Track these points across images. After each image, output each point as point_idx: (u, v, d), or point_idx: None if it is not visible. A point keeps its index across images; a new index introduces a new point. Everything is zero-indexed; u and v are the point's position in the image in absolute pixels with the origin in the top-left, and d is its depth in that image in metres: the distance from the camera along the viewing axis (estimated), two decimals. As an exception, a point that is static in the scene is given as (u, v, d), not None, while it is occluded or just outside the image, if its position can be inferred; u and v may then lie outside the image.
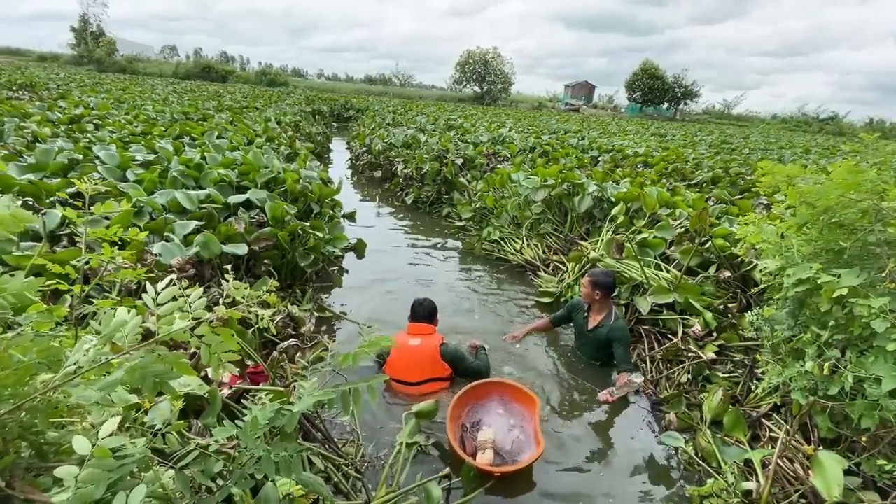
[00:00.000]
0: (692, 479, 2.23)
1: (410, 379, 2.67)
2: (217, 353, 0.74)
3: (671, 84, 56.32)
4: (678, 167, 7.34)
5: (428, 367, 2.69)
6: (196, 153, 4.51)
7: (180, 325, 0.73)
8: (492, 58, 55.80)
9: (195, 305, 0.78)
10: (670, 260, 3.73)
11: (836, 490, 1.67)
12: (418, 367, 2.68)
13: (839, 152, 12.77)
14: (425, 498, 1.77)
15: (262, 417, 0.75)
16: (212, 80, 42.87)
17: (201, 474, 0.75)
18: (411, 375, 2.67)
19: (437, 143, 8.02)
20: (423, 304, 2.87)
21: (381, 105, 23.92)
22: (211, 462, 0.76)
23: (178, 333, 0.73)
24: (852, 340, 1.78)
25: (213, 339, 0.74)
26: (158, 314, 0.74)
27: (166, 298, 0.77)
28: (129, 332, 0.70)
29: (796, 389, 1.96)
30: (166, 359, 0.68)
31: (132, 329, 0.71)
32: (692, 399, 2.70)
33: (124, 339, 0.70)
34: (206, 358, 0.74)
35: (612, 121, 29.55)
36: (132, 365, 0.65)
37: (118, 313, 0.73)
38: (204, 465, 0.76)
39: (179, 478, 0.73)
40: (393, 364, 2.69)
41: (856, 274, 1.71)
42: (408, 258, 5.13)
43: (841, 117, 51.89)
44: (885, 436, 1.77)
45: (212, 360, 0.74)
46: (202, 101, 12.40)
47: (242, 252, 2.96)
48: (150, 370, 0.65)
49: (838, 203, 1.78)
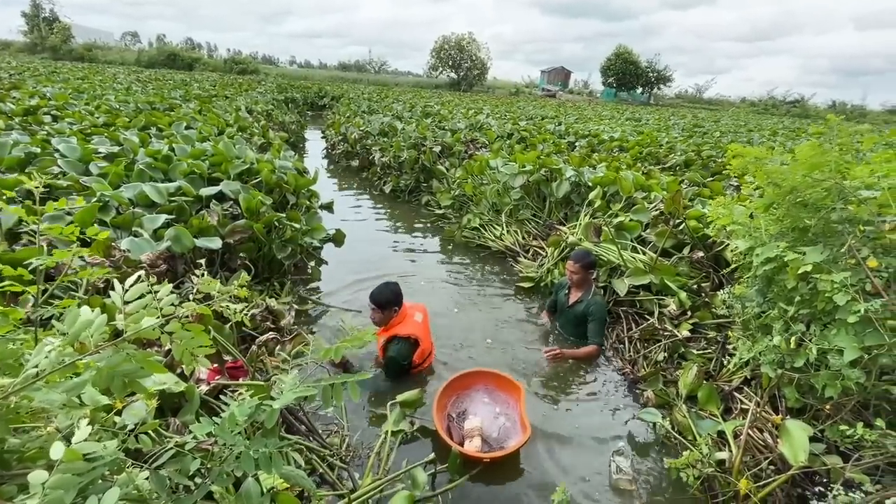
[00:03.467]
0: (670, 453, 2.31)
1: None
2: (189, 349, 0.72)
3: (645, 69, 56.92)
4: (652, 151, 7.46)
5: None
6: (164, 144, 4.34)
7: (149, 323, 0.70)
8: (467, 43, 55.25)
9: (164, 302, 0.75)
10: (646, 242, 3.81)
11: (801, 456, 1.75)
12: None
13: (804, 134, 13.19)
14: (411, 484, 1.79)
15: (240, 413, 0.74)
16: (178, 68, 41.17)
17: (178, 473, 0.74)
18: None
19: (414, 131, 7.93)
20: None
21: (356, 92, 23.47)
22: (188, 461, 0.75)
23: (148, 331, 0.70)
24: (817, 314, 1.86)
25: (184, 335, 0.71)
26: (126, 312, 0.71)
27: (134, 296, 0.74)
28: (94, 331, 0.67)
29: (765, 363, 2.04)
30: (135, 357, 0.65)
31: (98, 328, 0.68)
32: (668, 376, 2.78)
33: (89, 339, 0.67)
34: (178, 354, 0.71)
35: (588, 106, 29.78)
36: (98, 365, 0.62)
37: (82, 312, 0.70)
38: (181, 464, 0.75)
39: (155, 478, 0.71)
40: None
41: (819, 251, 1.78)
42: (388, 247, 5.09)
43: (806, 100, 53.55)
44: (846, 403, 1.87)
45: (184, 356, 0.72)
46: (168, 90, 11.91)
47: (217, 246, 2.88)
48: (119, 370, 0.63)
49: (803, 183, 1.84)
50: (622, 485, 2.10)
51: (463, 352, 3.15)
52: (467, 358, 3.08)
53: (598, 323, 3.15)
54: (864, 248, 1.68)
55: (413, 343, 2.61)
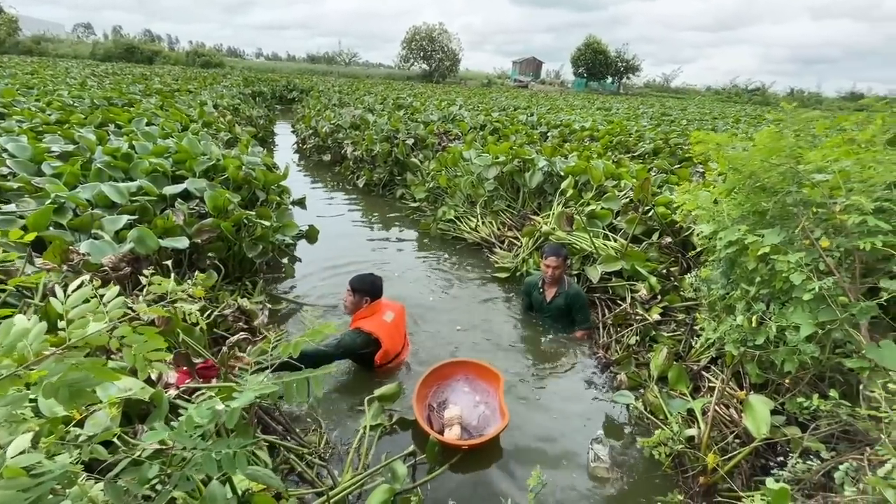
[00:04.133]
0: (643, 433, 2.39)
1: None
2: (142, 353, 0.69)
3: (614, 59, 57.76)
4: (622, 140, 7.60)
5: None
6: (123, 142, 4.16)
7: (95, 329, 0.67)
8: (438, 34, 54.79)
9: (111, 306, 0.72)
10: (617, 229, 3.90)
11: (763, 428, 1.84)
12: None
13: (764, 121, 13.64)
14: (391, 477, 1.79)
15: (199, 416, 0.71)
16: (136, 61, 39.32)
17: (135, 482, 0.71)
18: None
19: (386, 124, 7.84)
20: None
21: (325, 85, 23.00)
22: (144, 468, 0.72)
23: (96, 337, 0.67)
24: (775, 294, 1.94)
25: (136, 339, 0.69)
26: (68, 318, 0.67)
27: (78, 300, 0.70)
28: (33, 340, 0.63)
29: (729, 342, 2.12)
30: (84, 366, 0.62)
31: (37, 337, 0.64)
32: (641, 359, 2.87)
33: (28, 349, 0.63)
34: (130, 360, 0.68)
35: (560, 96, 30.05)
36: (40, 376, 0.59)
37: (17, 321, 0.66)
38: (138, 472, 0.72)
39: (110, 489, 0.68)
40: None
41: (777, 233, 1.85)
42: (363, 242, 5.04)
43: (766, 88, 55.46)
44: (804, 377, 1.97)
45: (137, 361, 0.69)
46: (127, 84, 11.38)
47: (183, 246, 2.79)
48: (65, 380, 0.60)
49: (761, 168, 1.91)
50: (599, 472, 2.15)
51: (439, 342, 3.16)
52: (444, 348, 3.10)
53: (584, 309, 3.26)
54: (817, 230, 1.76)
55: (370, 340, 2.60)
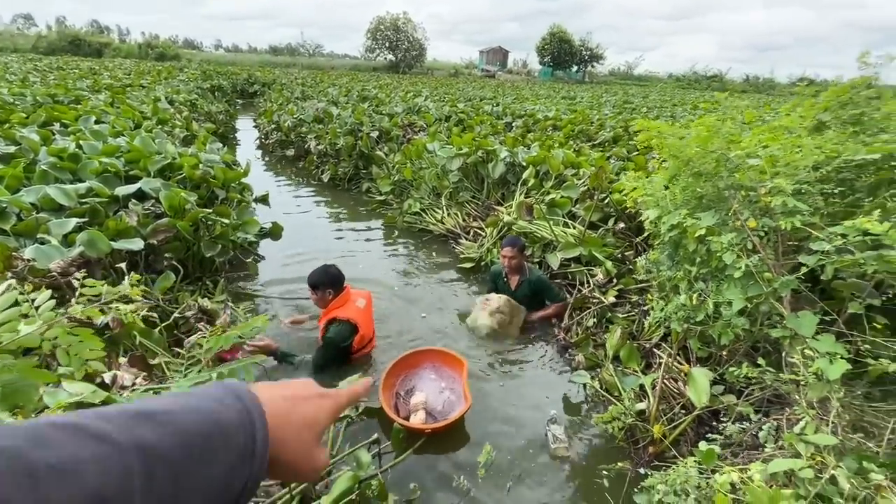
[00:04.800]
0: (600, 409, 2.52)
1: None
2: (77, 354, 0.71)
3: (578, 48, 58.58)
4: (584, 128, 7.79)
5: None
6: (70, 142, 3.98)
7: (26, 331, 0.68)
8: (403, 23, 54.09)
9: (42, 308, 0.73)
10: (576, 217, 4.03)
11: (704, 397, 1.98)
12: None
13: (697, 109, 14.02)
14: (356, 465, 1.84)
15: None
16: (84, 54, 37.22)
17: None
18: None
19: (350, 117, 7.75)
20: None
21: (288, 78, 22.41)
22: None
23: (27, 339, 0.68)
24: (713, 273, 2.08)
25: (70, 340, 0.70)
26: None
27: (5, 304, 0.71)
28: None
29: (674, 320, 2.26)
30: (13, 368, 0.64)
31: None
32: (598, 340, 3.01)
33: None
34: (65, 361, 0.70)
35: (526, 86, 30.30)
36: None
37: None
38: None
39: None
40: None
41: (711, 216, 1.99)
42: (330, 238, 5.02)
43: (723, 74, 57.53)
44: (739, 348, 2.13)
45: (72, 362, 0.70)
46: (73, 79, 10.78)
47: (138, 247, 2.73)
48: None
49: (696, 155, 2.03)
50: (560, 452, 2.25)
51: (404, 330, 3.24)
52: (408, 335, 3.18)
53: (551, 289, 3.38)
54: (746, 211, 1.90)
55: (352, 327, 2.64)
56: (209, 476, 0.33)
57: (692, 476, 1.54)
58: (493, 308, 3.14)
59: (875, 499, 1.26)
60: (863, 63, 1.98)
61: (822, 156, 1.87)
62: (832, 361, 1.50)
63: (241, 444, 0.35)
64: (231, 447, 0.35)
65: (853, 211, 1.94)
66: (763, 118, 2.50)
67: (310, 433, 0.41)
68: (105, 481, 0.27)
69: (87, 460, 0.27)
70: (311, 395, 0.43)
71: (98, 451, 0.28)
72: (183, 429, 0.33)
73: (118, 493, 0.27)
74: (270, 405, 0.39)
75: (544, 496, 2.03)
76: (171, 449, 0.31)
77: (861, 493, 1.27)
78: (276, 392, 0.41)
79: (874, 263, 1.51)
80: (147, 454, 0.30)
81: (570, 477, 2.13)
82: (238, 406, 0.37)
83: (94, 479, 0.27)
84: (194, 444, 0.33)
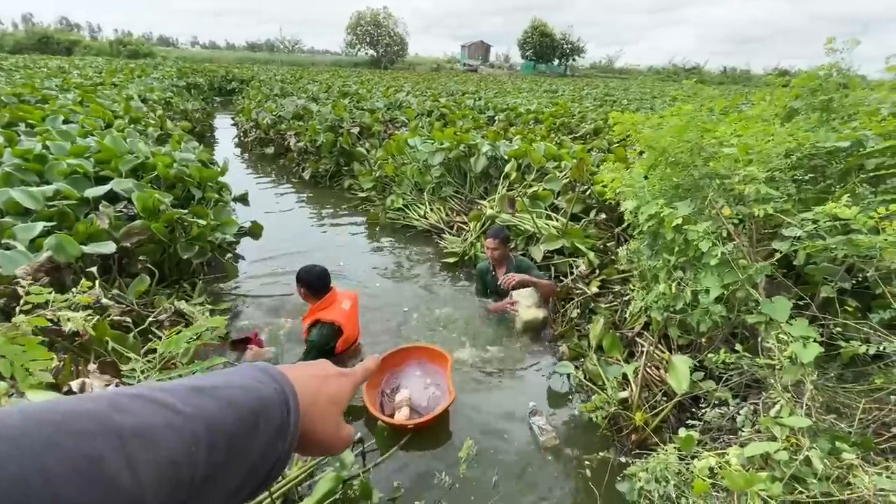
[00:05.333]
0: (584, 399, 2.54)
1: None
2: (22, 363, 0.67)
3: (560, 41, 58.82)
4: (566, 121, 7.83)
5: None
6: (36, 142, 3.85)
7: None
8: (383, 18, 53.58)
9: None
10: (558, 209, 4.04)
11: (684, 384, 2.01)
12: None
13: (676, 101, 14.26)
14: (339, 465, 1.82)
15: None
16: (53, 52, 36.01)
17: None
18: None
19: (330, 113, 7.64)
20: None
21: (267, 74, 22.03)
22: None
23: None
24: (691, 261, 2.11)
25: (14, 349, 0.66)
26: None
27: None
28: None
29: (654, 308, 2.29)
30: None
31: None
32: (582, 330, 3.02)
33: None
34: (7, 370, 0.66)
35: (508, 80, 30.33)
36: None
37: None
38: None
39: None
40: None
41: (687, 205, 2.01)
42: (312, 236, 4.95)
43: (702, 67, 58.41)
44: (718, 334, 2.16)
45: (16, 371, 0.67)
46: (41, 79, 10.41)
47: (109, 251, 2.65)
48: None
49: (671, 145, 2.05)
50: (550, 443, 2.24)
51: (388, 326, 3.23)
52: (393, 331, 3.16)
53: (535, 268, 3.34)
54: (721, 200, 1.93)
55: (336, 329, 2.61)
56: (252, 449, 0.35)
57: (672, 463, 1.56)
58: (534, 301, 3.15)
59: (847, 478, 1.29)
60: (829, 49, 2.01)
61: (794, 143, 1.90)
62: (805, 345, 1.53)
63: (278, 420, 0.38)
64: (271, 423, 0.37)
65: (824, 197, 1.98)
66: (737, 107, 2.53)
67: (335, 409, 0.45)
68: (177, 447, 0.30)
69: (161, 426, 0.30)
70: (333, 374, 0.47)
71: (170, 419, 0.31)
72: (235, 402, 0.35)
73: (187, 458, 0.30)
74: (300, 383, 0.42)
75: (529, 487, 2.03)
76: (228, 421, 0.34)
77: (834, 473, 1.30)
78: (304, 371, 0.45)
79: (844, 248, 1.54)
80: (209, 424, 0.33)
81: (555, 467, 2.14)
82: (274, 385, 0.39)
83: (169, 444, 0.30)
84: (245, 417, 0.35)
